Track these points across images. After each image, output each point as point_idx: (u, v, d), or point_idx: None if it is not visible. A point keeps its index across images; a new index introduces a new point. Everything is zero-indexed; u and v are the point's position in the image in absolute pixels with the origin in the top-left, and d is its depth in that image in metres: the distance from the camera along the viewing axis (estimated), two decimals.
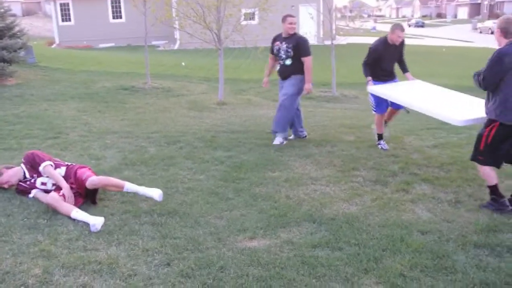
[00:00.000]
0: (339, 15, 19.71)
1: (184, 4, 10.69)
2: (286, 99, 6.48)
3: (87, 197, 4.31)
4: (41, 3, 54.58)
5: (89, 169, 4.54)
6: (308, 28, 21.62)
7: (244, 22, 11.25)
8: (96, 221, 3.81)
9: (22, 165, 4.51)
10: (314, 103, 11.69)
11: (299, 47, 6.40)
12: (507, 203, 4.32)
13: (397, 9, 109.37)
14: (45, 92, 10.31)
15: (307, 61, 6.42)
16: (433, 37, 43.54)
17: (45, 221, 3.92)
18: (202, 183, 4.95)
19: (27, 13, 52.66)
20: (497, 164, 4.38)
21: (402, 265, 3.32)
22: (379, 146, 6.42)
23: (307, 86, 6.46)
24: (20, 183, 4.44)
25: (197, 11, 10.25)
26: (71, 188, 4.24)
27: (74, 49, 25.56)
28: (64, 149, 5.97)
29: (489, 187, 4.41)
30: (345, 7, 21.00)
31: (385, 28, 47.18)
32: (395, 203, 4.47)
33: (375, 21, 56.21)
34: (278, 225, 3.95)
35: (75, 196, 4.22)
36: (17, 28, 11.81)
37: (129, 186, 4.33)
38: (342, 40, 12.73)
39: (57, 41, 29.98)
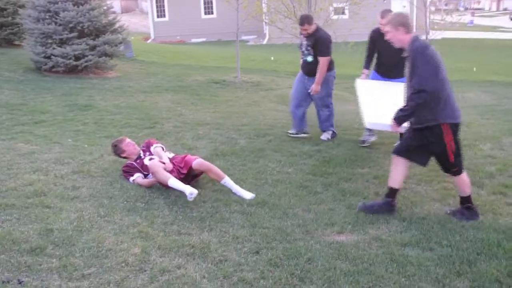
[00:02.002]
0: (433, 8, 18.87)
1: (275, 0, 10.81)
2: (319, 102, 6.45)
3: (186, 179, 4.56)
4: (138, 1, 57.39)
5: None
6: None
7: (335, 17, 11.15)
8: (192, 190, 4.10)
9: (141, 151, 4.99)
10: None
11: (317, 46, 6.19)
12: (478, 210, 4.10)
13: (498, 1, 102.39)
14: (142, 85, 10.87)
15: (322, 61, 6.17)
16: None
17: (143, 204, 4.19)
18: (290, 176, 5.01)
19: (125, 10, 55.57)
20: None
21: (498, 271, 3.16)
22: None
23: (315, 87, 6.26)
24: (131, 161, 4.87)
25: (288, 6, 10.32)
26: (173, 165, 4.60)
27: (168, 44, 26.65)
28: (160, 139, 6.27)
29: (463, 197, 4.10)
30: (439, 0, 19.94)
31: (484, 22, 44.53)
32: (491, 206, 4.26)
33: (473, 15, 53.03)
34: (367, 222, 3.92)
35: (175, 171, 4.53)
36: (117, 24, 12.50)
37: (227, 180, 4.52)
38: (437, 34, 12.20)
39: (152, 36, 31.42)
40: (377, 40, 5.90)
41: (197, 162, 4.57)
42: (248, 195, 4.39)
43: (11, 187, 4.35)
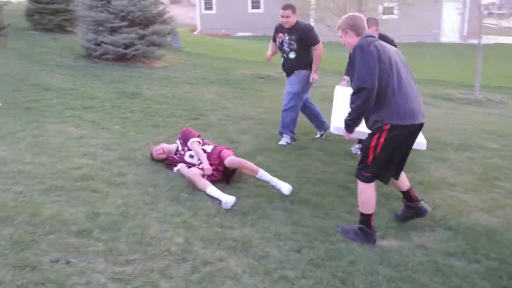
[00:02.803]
0: (485, 12, 18.30)
1: None
2: (290, 100, 6.00)
3: (224, 176, 4.60)
4: None
5: (233, 151, 4.87)
6: (454, 24, 20.27)
7: (385, 17, 10.96)
8: (228, 199, 4.05)
9: (177, 140, 5.01)
10: (453, 105, 11.05)
11: (304, 38, 5.86)
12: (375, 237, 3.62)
13: None
14: (188, 76, 10.99)
15: (318, 48, 5.91)
16: None
17: (187, 195, 4.23)
18: (333, 176, 4.97)
19: (173, 1, 56.31)
20: (385, 178, 3.67)
21: None
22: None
23: (314, 76, 5.98)
24: (171, 155, 4.91)
25: (338, 4, 10.22)
26: (211, 164, 4.58)
27: (214, 36, 26.83)
28: (204, 131, 6.32)
29: (363, 215, 3.62)
30: (493, 4, 19.17)
31: None
32: None
33: None
34: (411, 228, 3.84)
35: (213, 171, 4.55)
36: (166, 15, 12.66)
37: (263, 173, 4.49)
38: (491, 39, 11.80)
39: (198, 28, 31.71)
40: None
41: (229, 160, 4.54)
42: (285, 187, 4.32)
43: (61, 170, 4.48)
